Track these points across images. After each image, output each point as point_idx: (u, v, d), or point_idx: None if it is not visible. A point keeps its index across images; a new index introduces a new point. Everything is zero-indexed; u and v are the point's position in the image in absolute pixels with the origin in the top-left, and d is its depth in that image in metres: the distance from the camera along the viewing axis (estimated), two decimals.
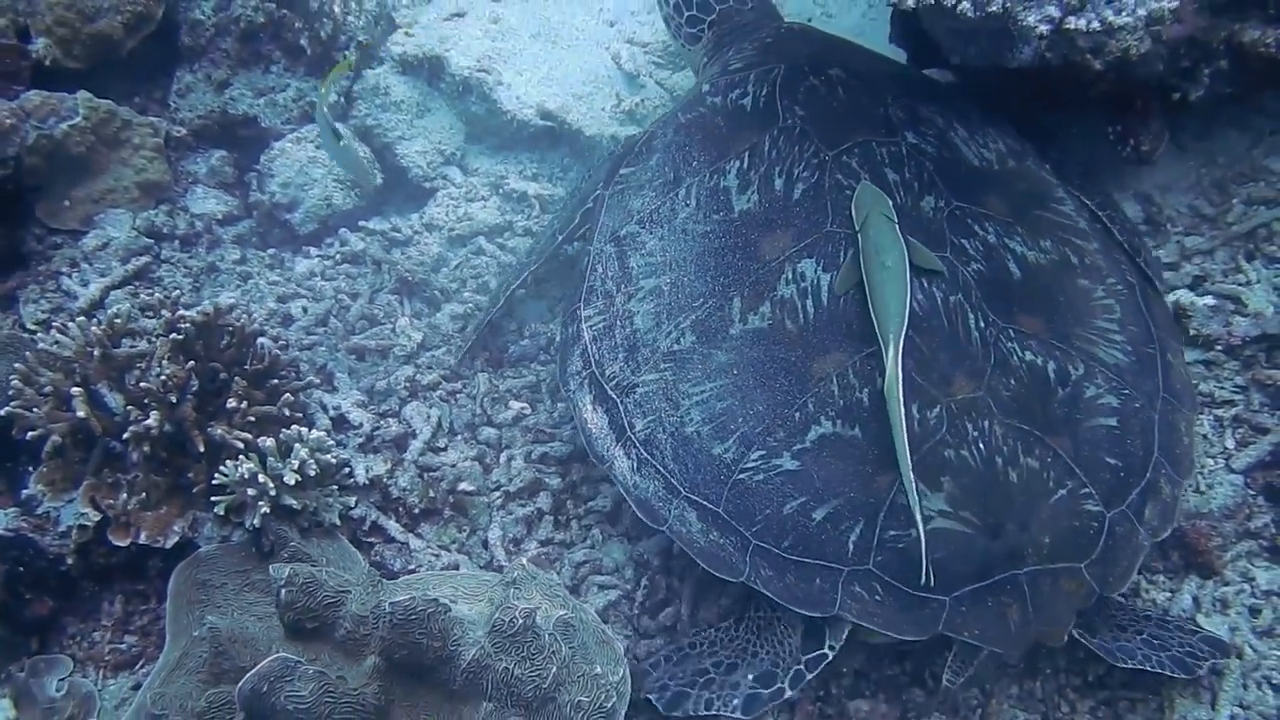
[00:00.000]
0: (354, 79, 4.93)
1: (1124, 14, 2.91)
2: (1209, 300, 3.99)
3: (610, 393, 3.52)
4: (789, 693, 3.21)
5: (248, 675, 2.77)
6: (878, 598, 3.10)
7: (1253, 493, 3.66)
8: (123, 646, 3.64)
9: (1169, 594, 3.56)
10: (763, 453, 3.23)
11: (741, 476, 3.24)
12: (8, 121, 4.22)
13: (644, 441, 3.41)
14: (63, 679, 3.56)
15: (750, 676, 3.26)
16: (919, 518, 2.97)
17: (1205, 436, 3.79)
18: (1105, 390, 3.33)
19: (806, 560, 3.15)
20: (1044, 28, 2.94)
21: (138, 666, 3.60)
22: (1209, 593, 3.54)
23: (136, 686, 3.48)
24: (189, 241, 4.61)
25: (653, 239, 3.66)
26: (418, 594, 2.91)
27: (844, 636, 3.19)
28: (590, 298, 3.71)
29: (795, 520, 3.17)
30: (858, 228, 3.37)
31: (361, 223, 4.67)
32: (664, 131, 3.95)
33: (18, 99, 4.37)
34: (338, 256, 4.59)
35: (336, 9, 4.82)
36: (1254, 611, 3.50)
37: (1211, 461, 3.74)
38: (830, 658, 3.20)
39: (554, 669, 2.93)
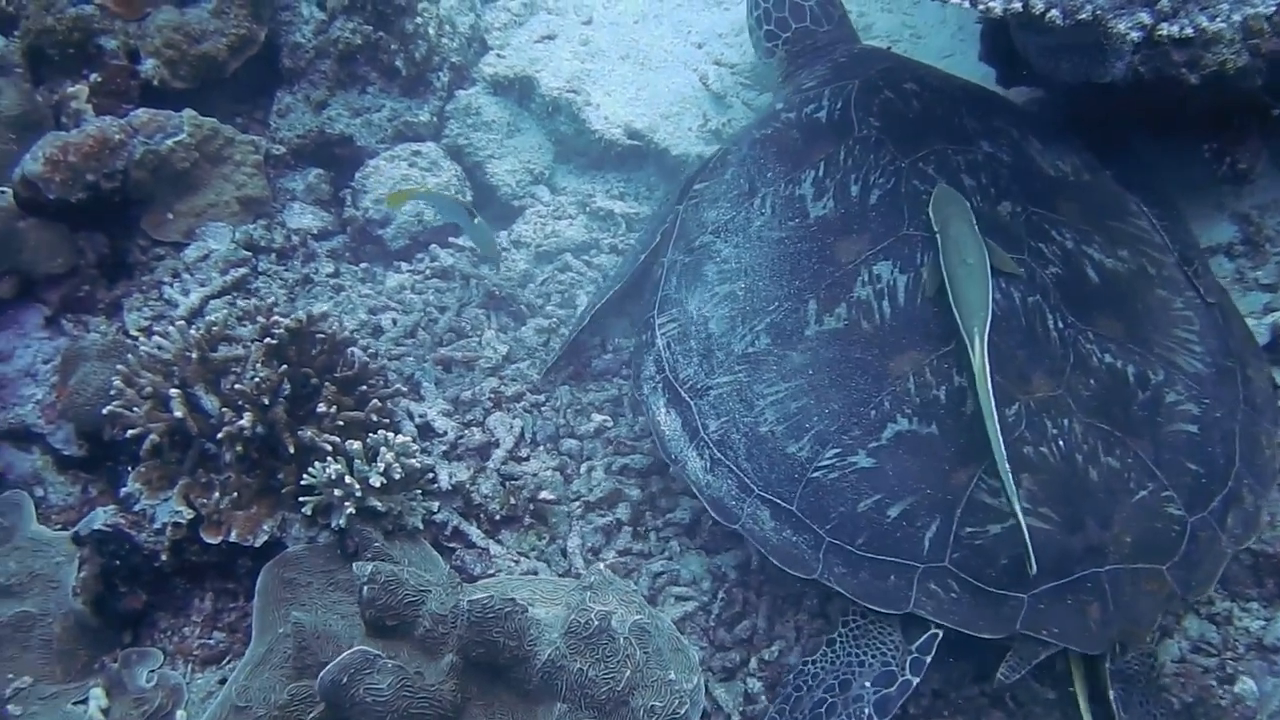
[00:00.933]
0: (447, 100, 5.06)
1: (1218, 19, 2.87)
2: None
3: (684, 395, 3.57)
4: (915, 681, 3.17)
5: (329, 666, 2.83)
6: (954, 594, 3.09)
7: None
8: (211, 642, 3.74)
9: (1263, 622, 3.47)
10: (838, 451, 3.25)
11: (816, 475, 3.25)
12: (117, 137, 4.38)
13: (717, 442, 3.45)
14: (153, 670, 3.66)
15: (869, 683, 3.23)
16: (1018, 507, 2.94)
17: None
18: (1185, 397, 3.30)
19: (881, 557, 3.16)
20: (1135, 34, 2.91)
21: (225, 661, 3.69)
22: None
23: (223, 681, 3.56)
24: (285, 255, 4.73)
25: (727, 247, 3.72)
26: (495, 594, 2.95)
27: (938, 639, 3.17)
28: (665, 305, 3.77)
29: (870, 518, 3.17)
30: (936, 229, 3.38)
31: (451, 239, 4.75)
32: (738, 147, 4.02)
33: (127, 116, 4.54)
34: (427, 271, 4.68)
35: (431, 31, 4.93)
36: None
37: None
38: (940, 635, 3.16)
39: (628, 673, 2.95)
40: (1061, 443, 3.14)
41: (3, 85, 4.69)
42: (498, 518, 3.80)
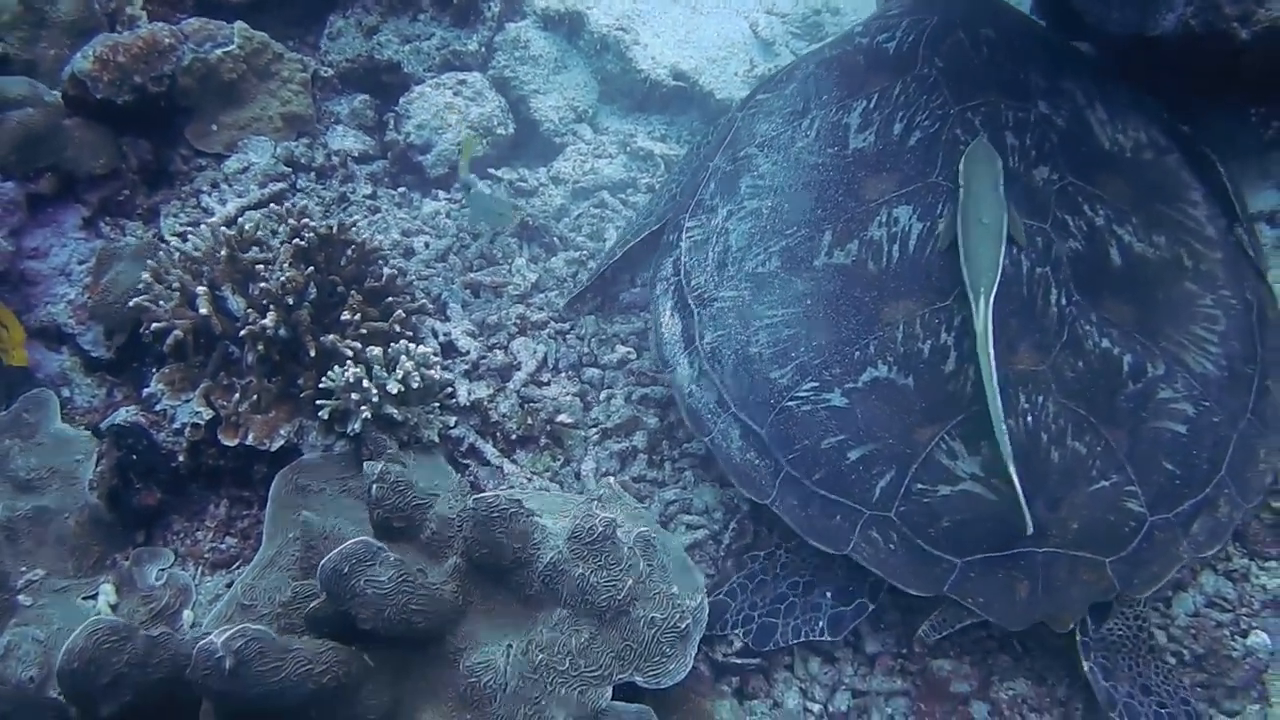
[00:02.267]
0: (496, 31, 5.04)
1: None
2: None
3: (690, 302, 3.56)
4: (870, 607, 3.22)
5: (330, 554, 2.82)
6: (892, 546, 3.09)
7: None
8: (223, 546, 3.77)
9: None
10: (815, 384, 3.23)
11: (790, 404, 3.25)
12: (167, 41, 4.42)
13: (709, 354, 3.45)
14: (163, 570, 3.69)
15: (829, 594, 3.26)
16: (1013, 470, 2.91)
17: None
18: (1183, 397, 3.19)
19: (832, 496, 3.16)
20: None
21: (235, 566, 3.72)
22: None
23: (230, 584, 3.58)
24: (324, 174, 4.75)
25: (766, 162, 3.68)
26: (502, 495, 2.94)
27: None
28: (696, 210, 3.75)
29: (830, 456, 3.17)
30: (962, 183, 3.32)
31: (491, 170, 4.74)
32: (806, 64, 3.98)
33: (179, 24, 4.57)
34: (463, 200, 4.67)
35: None
36: None
37: None
38: None
39: (630, 581, 2.92)
40: (1030, 418, 3.08)
41: None
42: (514, 437, 3.80)
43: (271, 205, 4.20)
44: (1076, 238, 3.35)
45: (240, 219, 4.16)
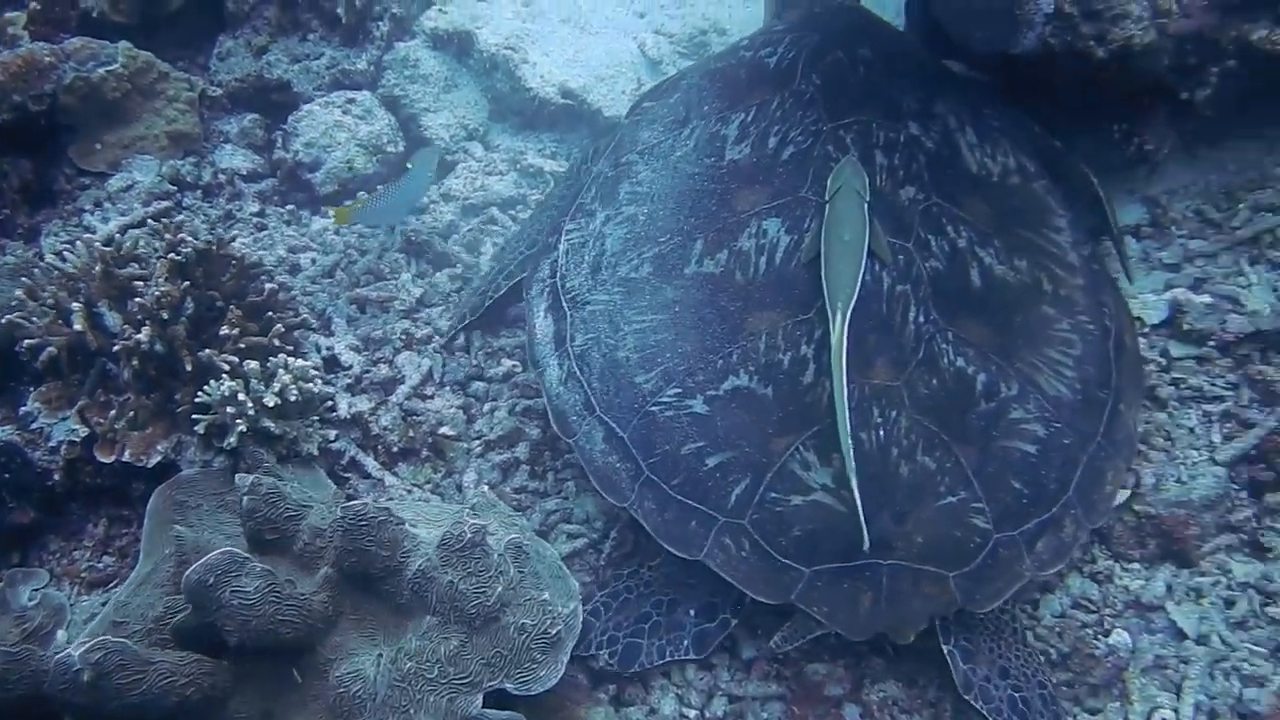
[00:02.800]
0: (385, 50, 5.08)
1: None
2: (1206, 298, 3.94)
3: (564, 304, 3.60)
4: (733, 621, 3.27)
5: (194, 565, 2.81)
6: (744, 553, 3.13)
7: (1236, 486, 3.60)
8: (100, 565, 3.73)
9: (1143, 581, 3.51)
10: (679, 391, 3.28)
11: (653, 409, 3.29)
12: (47, 59, 4.40)
13: (579, 356, 3.48)
14: (37, 590, 3.63)
15: (692, 612, 3.30)
16: (855, 484, 3.00)
17: (1191, 430, 3.74)
18: (1034, 418, 3.27)
19: (689, 502, 3.20)
20: None
21: (112, 585, 3.67)
22: (1183, 581, 3.50)
23: (106, 603, 3.54)
24: (211, 192, 4.75)
25: (646, 169, 3.74)
26: (370, 503, 2.95)
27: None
28: (577, 214, 3.79)
29: (689, 462, 3.21)
30: (828, 198, 3.40)
31: (379, 186, 4.76)
32: (692, 74, 4.07)
33: (61, 43, 4.55)
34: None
35: None
36: (1229, 603, 3.44)
37: (1195, 454, 3.67)
38: None
39: (499, 588, 2.94)
40: (882, 433, 3.15)
41: None
42: (395, 450, 3.81)
43: (149, 221, 4.18)
44: (938, 258, 3.42)
45: (120, 236, 4.15)
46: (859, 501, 2.99)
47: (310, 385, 3.62)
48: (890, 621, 3.08)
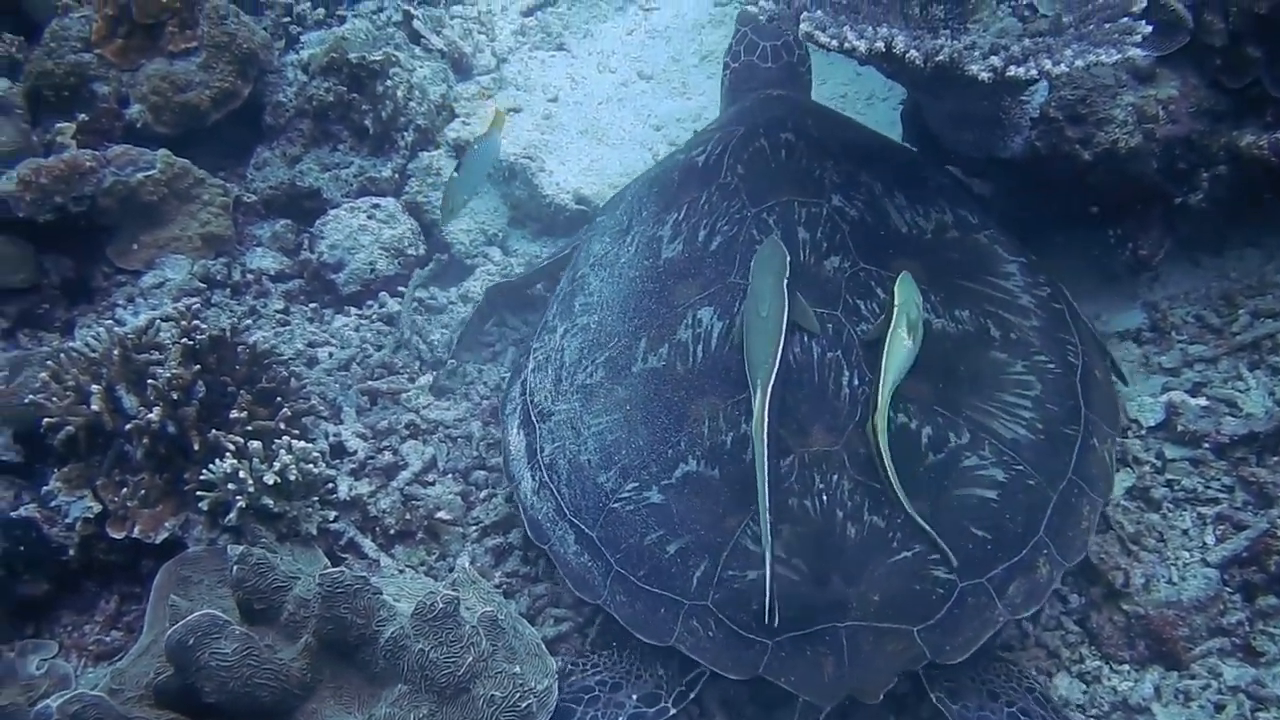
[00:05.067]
0: (410, 159, 5.33)
1: (1061, 64, 3.04)
2: (1203, 401, 3.96)
3: (533, 418, 3.74)
4: (673, 711, 3.29)
5: (175, 626, 2.91)
6: (710, 634, 3.18)
7: (1229, 589, 3.57)
8: (108, 639, 3.83)
9: (1131, 683, 3.47)
10: (636, 485, 3.38)
11: (615, 505, 3.39)
12: (88, 164, 4.67)
13: (548, 465, 3.60)
14: (45, 660, 3.74)
15: (634, 697, 3.35)
16: (769, 557, 3.07)
17: (1185, 532, 3.74)
18: (991, 463, 3.30)
19: (656, 590, 3.27)
20: (985, 75, 3.09)
21: (117, 658, 3.76)
22: (1171, 683, 3.46)
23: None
24: (239, 290, 4.96)
25: (596, 280, 3.90)
26: (348, 571, 3.04)
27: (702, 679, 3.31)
28: (542, 332, 3.96)
29: (652, 551, 3.29)
30: (749, 281, 3.50)
31: (401, 288, 4.95)
32: (635, 185, 4.25)
33: (104, 150, 4.84)
34: (374, 317, 4.86)
35: (399, 94, 5.23)
36: (1218, 707, 3.38)
37: (1187, 555, 3.66)
38: (707, 673, 3.27)
39: (470, 659, 2.99)
40: (825, 497, 3.20)
41: (1, 123, 5.02)
42: (392, 532, 3.91)
43: (167, 309, 4.38)
44: (869, 321, 3.49)
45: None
46: (768, 569, 3.05)
47: (311, 467, 3.75)
48: (855, 682, 3.08)
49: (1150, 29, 3.19)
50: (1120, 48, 3.09)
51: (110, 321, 4.64)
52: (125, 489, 3.80)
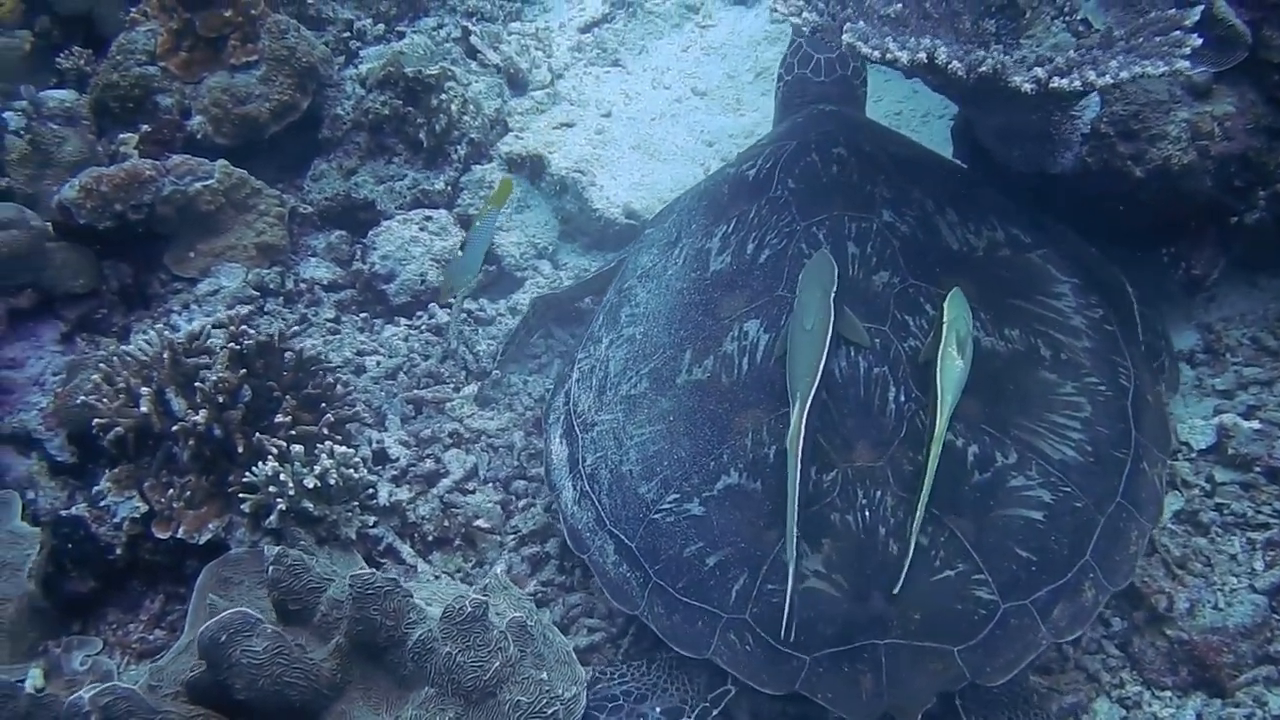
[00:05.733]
0: (463, 172, 5.39)
1: (1107, 75, 2.99)
2: (1255, 424, 3.87)
3: (576, 428, 3.74)
4: None
5: (209, 623, 2.95)
6: (748, 648, 3.15)
7: (1278, 616, 3.47)
8: (151, 638, 3.90)
9: (1173, 710, 3.39)
10: (677, 496, 3.37)
11: (656, 516, 3.37)
12: (148, 173, 4.78)
13: (589, 475, 3.60)
14: (89, 656, 3.81)
15: (658, 709, 3.34)
16: (792, 570, 3.04)
17: (1233, 557, 3.64)
18: (1038, 484, 3.25)
19: (694, 603, 3.25)
20: (1029, 86, 3.05)
21: (158, 657, 3.82)
22: (1215, 711, 3.36)
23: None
24: (292, 299, 5.04)
25: (643, 292, 3.90)
26: (379, 573, 3.06)
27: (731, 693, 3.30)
28: (588, 343, 3.97)
29: (691, 564, 3.27)
30: (797, 294, 3.47)
31: (450, 299, 4.99)
32: (684, 198, 4.25)
33: (164, 160, 4.95)
34: (423, 327, 4.91)
35: (454, 108, 5.30)
36: None
37: (1235, 580, 3.57)
38: (733, 692, 3.28)
39: (497, 664, 2.99)
40: (868, 513, 3.16)
41: (69, 134, 5.18)
42: (430, 539, 3.93)
43: (219, 315, 4.45)
44: (917, 337, 3.45)
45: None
46: (791, 585, 3.04)
47: (352, 472, 3.79)
48: (894, 701, 3.04)
49: (1200, 42, 3.13)
50: (1169, 60, 3.03)
51: (166, 328, 4.72)
52: (171, 490, 3.86)
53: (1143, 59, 3.05)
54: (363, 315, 5.04)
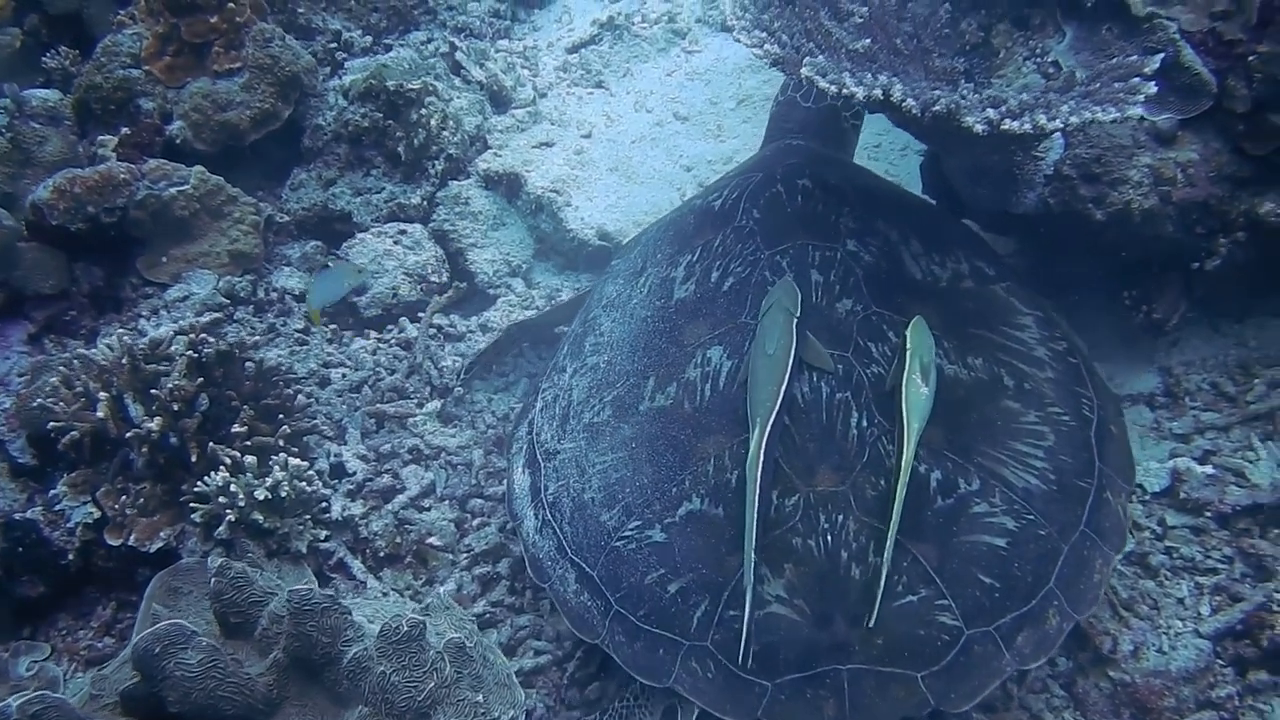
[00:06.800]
0: (439, 187, 5.42)
1: (1057, 120, 3.01)
2: (1209, 469, 3.88)
3: (538, 457, 3.72)
4: None
5: (144, 634, 2.94)
6: (709, 675, 3.13)
7: (1220, 661, 3.48)
8: (100, 645, 3.91)
9: None
10: (639, 523, 3.35)
11: (618, 544, 3.35)
12: (122, 177, 4.81)
13: (551, 504, 3.58)
14: (35, 661, 3.81)
15: None
16: (749, 595, 3.03)
17: (1180, 601, 3.65)
18: (1001, 511, 3.24)
19: (656, 630, 3.23)
20: (980, 127, 3.06)
21: (106, 665, 3.82)
22: None
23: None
24: (262, 308, 5.05)
25: (608, 321, 3.90)
26: (316, 589, 3.06)
27: (694, 716, 3.22)
28: (552, 372, 3.96)
29: (653, 591, 3.25)
30: (760, 319, 3.48)
31: (421, 314, 5.00)
32: (651, 229, 4.25)
33: (141, 164, 4.97)
34: (392, 341, 4.92)
35: (433, 123, 5.32)
36: None
37: (1180, 624, 3.57)
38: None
39: (431, 685, 2.99)
40: (829, 537, 3.16)
41: (51, 134, 5.20)
42: (382, 555, 3.93)
43: (184, 322, 4.47)
44: (880, 363, 3.45)
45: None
46: (748, 611, 3.03)
47: (305, 485, 3.79)
48: None
49: (1155, 89, 3.14)
50: (1120, 107, 3.04)
51: (120, 330, 4.73)
52: (125, 497, 3.87)
53: (1095, 104, 3.06)
54: (332, 327, 5.04)
